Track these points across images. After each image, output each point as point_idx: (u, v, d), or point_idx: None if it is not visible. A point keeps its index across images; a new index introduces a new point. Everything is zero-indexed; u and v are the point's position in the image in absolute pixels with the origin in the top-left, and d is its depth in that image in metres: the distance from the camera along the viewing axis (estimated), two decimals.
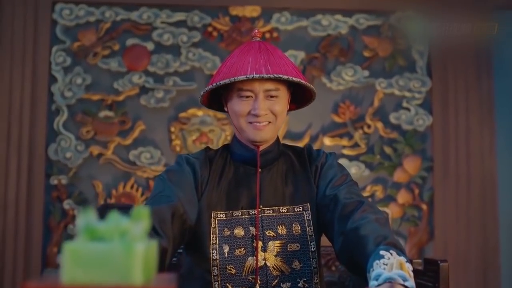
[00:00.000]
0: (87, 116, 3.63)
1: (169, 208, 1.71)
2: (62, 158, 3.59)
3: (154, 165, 3.62)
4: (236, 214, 1.85)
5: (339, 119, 3.74)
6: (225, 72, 1.82)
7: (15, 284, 3.44)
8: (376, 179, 3.72)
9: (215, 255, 1.81)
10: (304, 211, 1.89)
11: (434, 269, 2.08)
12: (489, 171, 3.69)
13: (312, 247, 1.86)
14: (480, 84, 3.71)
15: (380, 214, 1.75)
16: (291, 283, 1.84)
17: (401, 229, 3.70)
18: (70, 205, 3.57)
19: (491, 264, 3.65)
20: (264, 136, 1.85)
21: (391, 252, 1.51)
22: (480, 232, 3.66)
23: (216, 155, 1.93)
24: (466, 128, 3.71)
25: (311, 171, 1.93)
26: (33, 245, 3.50)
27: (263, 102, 1.81)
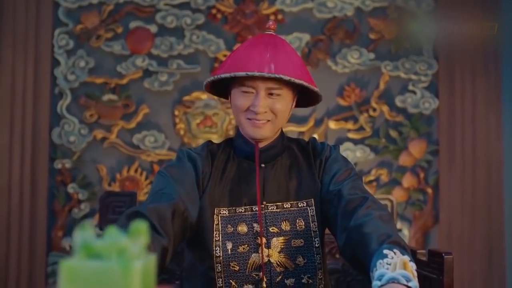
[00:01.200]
0: (90, 99, 3.61)
1: (170, 206, 1.68)
2: (66, 142, 3.58)
3: (158, 148, 3.61)
4: (239, 211, 1.83)
5: (344, 102, 3.71)
6: (230, 64, 1.79)
7: (21, 268, 3.46)
8: (381, 162, 3.70)
9: (218, 252, 1.79)
10: (308, 206, 1.87)
11: (439, 261, 2.08)
12: (495, 155, 3.66)
13: (316, 243, 1.85)
14: (488, 67, 3.66)
15: (384, 211, 1.73)
16: (295, 279, 1.83)
17: (405, 213, 3.69)
18: (74, 189, 3.57)
19: (495, 248, 3.64)
20: (263, 134, 1.82)
21: (395, 251, 1.49)
22: (485, 216, 3.64)
23: (218, 150, 1.90)
24: (473, 112, 3.67)
25: (315, 165, 1.91)
26: (38, 229, 3.50)
27: (264, 100, 1.77)
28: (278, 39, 1.85)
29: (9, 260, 3.44)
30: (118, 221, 1.62)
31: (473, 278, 3.61)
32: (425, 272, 2.17)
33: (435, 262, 2.10)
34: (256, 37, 1.87)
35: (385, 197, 2.78)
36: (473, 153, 3.66)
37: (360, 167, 3.68)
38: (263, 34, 1.86)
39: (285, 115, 1.84)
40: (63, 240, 3.55)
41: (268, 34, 1.85)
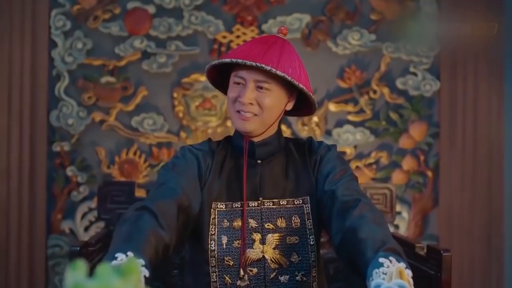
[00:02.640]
0: (88, 81, 3.57)
1: (175, 202, 1.72)
2: (64, 124, 3.56)
3: (157, 131, 3.59)
4: (235, 206, 1.85)
5: (345, 84, 3.67)
6: (228, 54, 1.82)
7: (21, 251, 3.47)
8: (381, 145, 3.68)
9: (213, 246, 1.81)
10: (304, 204, 1.88)
11: (437, 258, 2.07)
12: (496, 138, 3.64)
13: (311, 241, 1.86)
14: (490, 49, 3.62)
15: (377, 213, 1.74)
16: (289, 276, 1.85)
17: (405, 196, 3.68)
18: (73, 171, 3.56)
19: (494, 231, 3.64)
20: (248, 128, 1.82)
21: (390, 259, 1.49)
22: (485, 199, 3.64)
23: (218, 147, 1.93)
24: (474, 94, 3.64)
25: (310, 164, 1.92)
26: (37, 212, 3.51)
27: (251, 92, 1.78)
28: (287, 42, 1.86)
29: (9, 243, 3.45)
30: (126, 213, 1.65)
31: (472, 261, 3.63)
32: (424, 268, 2.17)
33: (433, 258, 2.10)
34: (269, 35, 1.89)
35: (384, 186, 2.76)
36: (474, 136, 3.64)
37: (360, 150, 3.67)
38: (273, 35, 1.88)
39: (273, 111, 1.83)
40: (63, 223, 3.56)
41: (277, 36, 1.87)
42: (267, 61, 1.74)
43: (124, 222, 1.60)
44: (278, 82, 1.79)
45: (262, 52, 1.76)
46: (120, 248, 1.44)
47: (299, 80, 1.79)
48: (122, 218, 1.62)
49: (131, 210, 1.65)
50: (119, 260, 1.40)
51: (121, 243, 1.48)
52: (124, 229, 1.56)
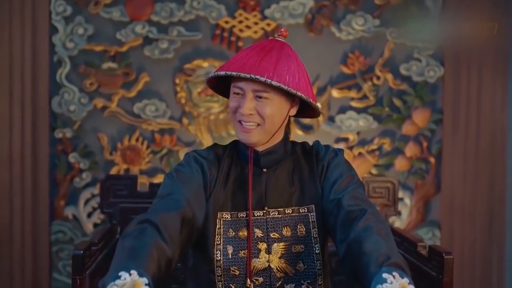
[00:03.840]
0: (90, 67, 3.55)
1: (178, 214, 1.71)
2: (66, 111, 3.55)
3: (159, 117, 3.58)
4: (241, 215, 1.85)
5: (348, 70, 3.64)
6: (225, 64, 1.80)
7: (24, 237, 3.49)
8: (384, 131, 3.67)
9: (219, 256, 1.81)
10: (309, 212, 1.87)
11: (439, 260, 2.08)
12: (499, 125, 3.63)
13: (316, 249, 1.86)
14: (496, 38, 3.57)
15: (382, 224, 1.74)
16: (295, 284, 1.85)
17: (408, 182, 3.68)
18: (75, 158, 3.56)
19: (496, 218, 3.65)
20: (252, 139, 1.82)
21: (394, 274, 1.49)
22: (487, 186, 3.64)
23: (224, 153, 1.91)
24: (478, 81, 3.61)
25: (317, 170, 1.90)
26: (40, 198, 3.52)
27: (250, 102, 1.77)
28: (287, 47, 1.82)
29: (13, 229, 3.47)
30: (129, 226, 1.65)
31: (473, 247, 3.64)
32: (426, 268, 2.19)
33: (435, 260, 2.11)
34: (268, 40, 1.85)
35: (387, 180, 2.75)
36: (477, 123, 3.62)
37: (363, 136, 3.66)
38: (274, 40, 1.84)
39: (275, 119, 1.82)
40: (66, 209, 3.57)
41: (276, 40, 1.83)
42: (263, 71, 1.72)
43: (127, 236, 1.59)
44: (277, 90, 1.77)
45: (257, 61, 1.74)
46: (123, 266, 1.44)
47: (297, 87, 1.77)
48: (125, 232, 1.62)
49: (134, 223, 1.64)
50: (122, 279, 1.40)
51: (124, 260, 1.48)
52: (127, 244, 1.56)
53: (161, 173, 3.58)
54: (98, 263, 2.16)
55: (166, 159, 3.59)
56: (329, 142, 3.57)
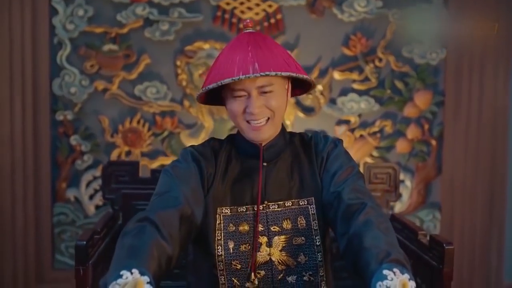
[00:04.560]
0: (90, 49, 3.53)
1: (177, 212, 1.71)
2: (66, 93, 3.54)
3: (160, 100, 3.57)
4: (241, 210, 1.85)
5: (350, 52, 3.62)
6: (215, 73, 1.77)
7: (27, 220, 3.51)
8: (386, 113, 3.66)
9: (220, 251, 1.82)
10: (308, 205, 1.88)
11: (440, 250, 2.09)
12: (501, 107, 3.62)
13: (317, 241, 1.87)
14: (500, 16, 3.55)
15: (382, 218, 1.74)
16: (297, 276, 1.86)
17: (409, 164, 3.68)
18: (77, 140, 3.56)
19: (497, 200, 3.66)
20: (264, 136, 1.82)
21: (394, 270, 1.50)
22: (488, 168, 3.64)
23: (221, 148, 1.91)
24: (481, 63, 3.59)
25: (316, 163, 1.90)
26: (42, 180, 3.53)
27: (257, 100, 1.76)
28: (258, 35, 1.81)
29: (15, 212, 3.48)
30: (128, 225, 1.65)
31: (473, 229, 3.66)
32: (426, 257, 2.19)
33: (436, 249, 2.12)
34: (235, 39, 1.83)
35: (388, 166, 2.75)
36: (479, 105, 3.61)
37: (364, 119, 3.65)
38: (242, 34, 1.83)
39: (283, 109, 1.84)
40: (67, 191, 3.58)
41: (247, 33, 1.82)
42: (265, 65, 1.71)
43: (127, 235, 1.59)
44: (277, 80, 1.77)
45: (252, 58, 1.72)
46: (124, 265, 1.45)
47: (296, 69, 1.79)
48: (124, 230, 1.61)
49: (133, 221, 1.64)
50: (124, 278, 1.41)
51: (125, 259, 1.48)
52: (127, 243, 1.55)
53: (163, 156, 3.58)
54: (100, 251, 2.17)
55: (167, 141, 3.59)
56: (330, 125, 3.60)
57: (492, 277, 3.69)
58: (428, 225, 3.69)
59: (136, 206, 2.60)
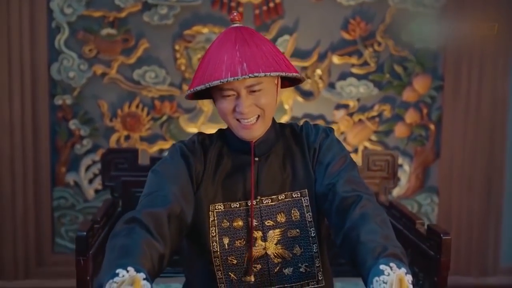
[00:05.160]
0: (89, 33, 3.51)
1: (166, 210, 1.70)
2: (65, 77, 3.53)
3: (159, 84, 3.56)
4: (234, 206, 1.85)
5: (349, 36, 3.61)
6: (202, 73, 1.75)
7: (27, 204, 3.52)
8: (385, 98, 3.66)
9: (216, 247, 1.83)
10: (302, 197, 1.87)
11: (437, 239, 2.11)
12: (501, 92, 3.62)
13: (312, 233, 1.87)
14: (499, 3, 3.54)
15: (379, 210, 1.74)
16: (293, 268, 1.87)
17: (407, 149, 3.70)
18: (76, 125, 3.56)
19: (494, 185, 3.68)
20: (255, 134, 1.81)
21: (391, 265, 1.51)
22: (486, 153, 3.65)
23: (211, 144, 1.89)
24: (481, 48, 3.58)
25: (309, 154, 1.89)
26: (42, 165, 3.54)
27: (247, 99, 1.75)
28: (245, 31, 1.78)
29: (15, 196, 3.50)
30: (117, 226, 1.64)
31: (471, 213, 3.68)
32: (423, 246, 2.21)
33: (433, 239, 2.14)
34: (222, 35, 1.79)
35: (387, 153, 2.76)
36: (478, 90, 3.62)
37: (363, 103, 3.65)
38: (230, 30, 1.79)
39: (273, 105, 1.82)
40: (67, 176, 3.59)
41: (234, 28, 1.79)
42: (254, 66, 1.69)
43: (116, 236, 1.58)
44: (267, 78, 1.75)
45: (241, 58, 1.70)
46: (118, 264, 1.44)
47: (287, 66, 1.77)
48: (113, 232, 1.60)
49: (121, 223, 1.63)
50: (120, 276, 1.41)
51: (118, 259, 1.48)
52: (118, 243, 1.55)
53: (162, 140, 3.59)
54: (101, 241, 2.19)
55: (166, 125, 3.59)
56: (329, 109, 3.60)
57: (489, 260, 3.72)
58: (426, 209, 3.72)
59: (135, 193, 2.62)
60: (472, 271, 3.70)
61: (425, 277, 2.22)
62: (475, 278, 3.70)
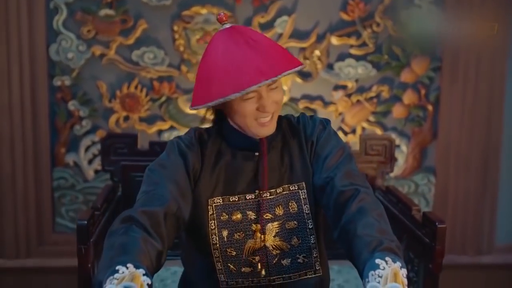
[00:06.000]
0: (87, 14, 3.50)
1: (162, 209, 1.73)
2: (64, 58, 3.53)
3: (157, 65, 3.56)
4: (232, 199, 1.88)
5: (348, 17, 3.60)
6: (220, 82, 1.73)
7: (27, 184, 3.55)
8: (383, 79, 3.67)
9: (215, 239, 1.87)
10: (299, 189, 1.91)
11: (432, 227, 2.14)
12: (498, 74, 3.63)
13: (309, 225, 1.91)
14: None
15: (375, 205, 1.78)
16: (291, 259, 1.91)
17: (405, 129, 3.71)
18: (75, 106, 3.57)
19: (491, 165, 3.71)
20: (270, 131, 1.85)
21: (387, 259, 1.55)
22: (483, 133, 3.67)
23: (209, 139, 1.91)
24: (479, 28, 3.57)
25: (306, 147, 1.92)
26: (41, 146, 3.55)
27: (268, 98, 1.78)
28: (241, 30, 1.79)
29: (15, 177, 3.52)
30: (113, 225, 1.67)
31: (467, 193, 3.72)
32: (419, 233, 2.25)
33: (428, 227, 2.17)
34: (221, 39, 1.78)
35: (384, 137, 2.79)
36: (476, 71, 3.62)
37: (361, 84, 3.66)
38: (224, 32, 1.79)
39: (282, 100, 1.88)
40: (67, 156, 3.61)
41: (228, 31, 1.79)
42: (275, 67, 1.73)
43: (113, 234, 1.62)
44: None
45: (261, 59, 1.72)
46: (117, 261, 1.48)
47: (295, 61, 1.83)
48: (110, 230, 1.64)
49: (117, 222, 1.67)
50: (120, 272, 1.45)
51: (117, 257, 1.52)
52: (116, 242, 1.59)
53: (161, 121, 3.61)
54: (101, 228, 2.22)
55: (165, 106, 3.60)
56: (327, 90, 3.62)
57: (484, 239, 3.77)
58: (423, 189, 3.75)
59: (135, 178, 2.67)
60: (467, 250, 3.75)
61: (420, 263, 2.27)
62: (470, 257, 3.75)
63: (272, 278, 1.91)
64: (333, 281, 2.57)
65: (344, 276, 2.62)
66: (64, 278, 3.46)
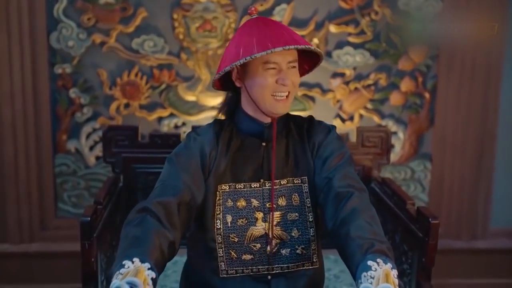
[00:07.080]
0: (87, 2, 3.52)
1: (176, 198, 1.83)
2: (64, 46, 3.55)
3: (157, 53, 3.59)
4: (239, 187, 1.97)
5: (346, 5, 3.62)
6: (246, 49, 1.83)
7: (29, 171, 3.60)
8: (381, 67, 3.70)
9: (219, 224, 1.95)
10: (302, 183, 2.00)
11: (425, 223, 2.20)
12: (494, 62, 3.66)
13: (309, 217, 1.99)
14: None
15: (368, 207, 1.87)
16: (290, 249, 1.99)
17: (402, 116, 3.76)
18: (76, 93, 3.61)
19: (486, 152, 3.76)
20: (285, 109, 1.95)
21: (378, 261, 1.62)
22: (479, 121, 3.71)
23: (222, 129, 2.01)
24: (477, 15, 3.59)
25: (309, 146, 2.01)
26: (43, 133, 3.60)
27: (288, 73, 1.88)
28: (265, 20, 1.94)
29: (18, 164, 3.57)
30: (130, 214, 1.78)
31: (462, 179, 3.78)
32: (413, 227, 2.31)
33: (422, 222, 2.23)
34: (248, 22, 1.94)
35: (381, 129, 2.83)
36: (472, 59, 3.65)
37: (359, 71, 3.70)
38: (252, 19, 1.94)
39: (298, 86, 1.98)
40: (68, 143, 3.66)
41: (256, 18, 1.94)
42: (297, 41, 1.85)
43: (129, 224, 1.72)
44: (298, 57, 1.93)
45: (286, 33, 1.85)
46: (126, 255, 1.58)
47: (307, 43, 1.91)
48: (127, 220, 1.75)
49: (133, 212, 1.77)
50: (126, 267, 1.54)
51: (128, 249, 1.61)
52: (130, 233, 1.68)
53: (161, 108, 3.65)
54: (104, 221, 2.28)
55: (165, 94, 3.64)
56: (325, 77, 3.65)
57: (479, 224, 3.84)
58: (419, 175, 3.81)
59: (136, 169, 2.71)
60: (462, 235, 3.82)
61: (414, 255, 2.33)
62: (465, 241, 3.82)
63: (271, 267, 1.99)
64: (330, 271, 2.64)
65: (340, 265, 2.69)
66: (67, 262, 3.54)
